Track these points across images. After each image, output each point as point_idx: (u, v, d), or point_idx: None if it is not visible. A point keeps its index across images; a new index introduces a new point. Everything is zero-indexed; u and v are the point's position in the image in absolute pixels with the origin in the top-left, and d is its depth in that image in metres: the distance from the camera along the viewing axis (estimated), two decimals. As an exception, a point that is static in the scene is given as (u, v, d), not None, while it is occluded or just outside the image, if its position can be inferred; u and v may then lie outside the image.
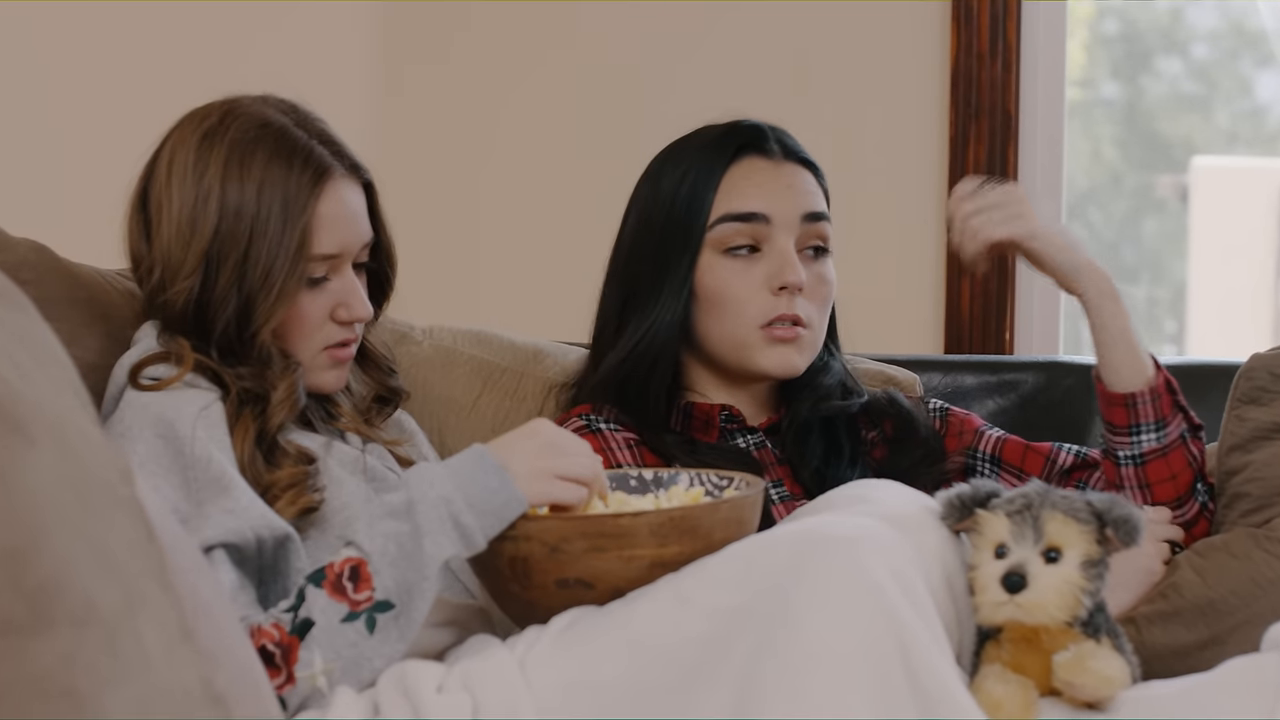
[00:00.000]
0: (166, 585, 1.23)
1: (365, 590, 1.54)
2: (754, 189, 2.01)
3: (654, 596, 1.51)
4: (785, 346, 1.99)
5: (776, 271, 1.99)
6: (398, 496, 1.56)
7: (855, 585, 1.43)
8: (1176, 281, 4.39)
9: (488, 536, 1.56)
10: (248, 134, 1.75)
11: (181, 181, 1.75)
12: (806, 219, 2.02)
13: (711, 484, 1.72)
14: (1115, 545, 1.58)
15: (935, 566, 1.55)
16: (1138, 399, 1.94)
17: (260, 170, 1.73)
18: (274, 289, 1.72)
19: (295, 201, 1.73)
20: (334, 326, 1.80)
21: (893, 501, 1.61)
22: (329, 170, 1.76)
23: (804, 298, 2.00)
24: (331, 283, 1.79)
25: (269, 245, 1.72)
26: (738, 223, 2.00)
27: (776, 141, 2.04)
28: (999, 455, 2.08)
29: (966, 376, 2.38)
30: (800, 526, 1.52)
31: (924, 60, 2.88)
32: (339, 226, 1.77)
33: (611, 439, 1.98)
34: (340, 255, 1.79)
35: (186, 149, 1.76)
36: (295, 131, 1.77)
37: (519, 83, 3.06)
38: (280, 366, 1.75)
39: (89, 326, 1.84)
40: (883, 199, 2.90)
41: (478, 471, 1.56)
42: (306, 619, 1.55)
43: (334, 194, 1.77)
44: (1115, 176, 4.20)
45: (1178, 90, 4.28)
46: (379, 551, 1.55)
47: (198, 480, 1.66)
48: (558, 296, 2.45)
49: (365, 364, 1.94)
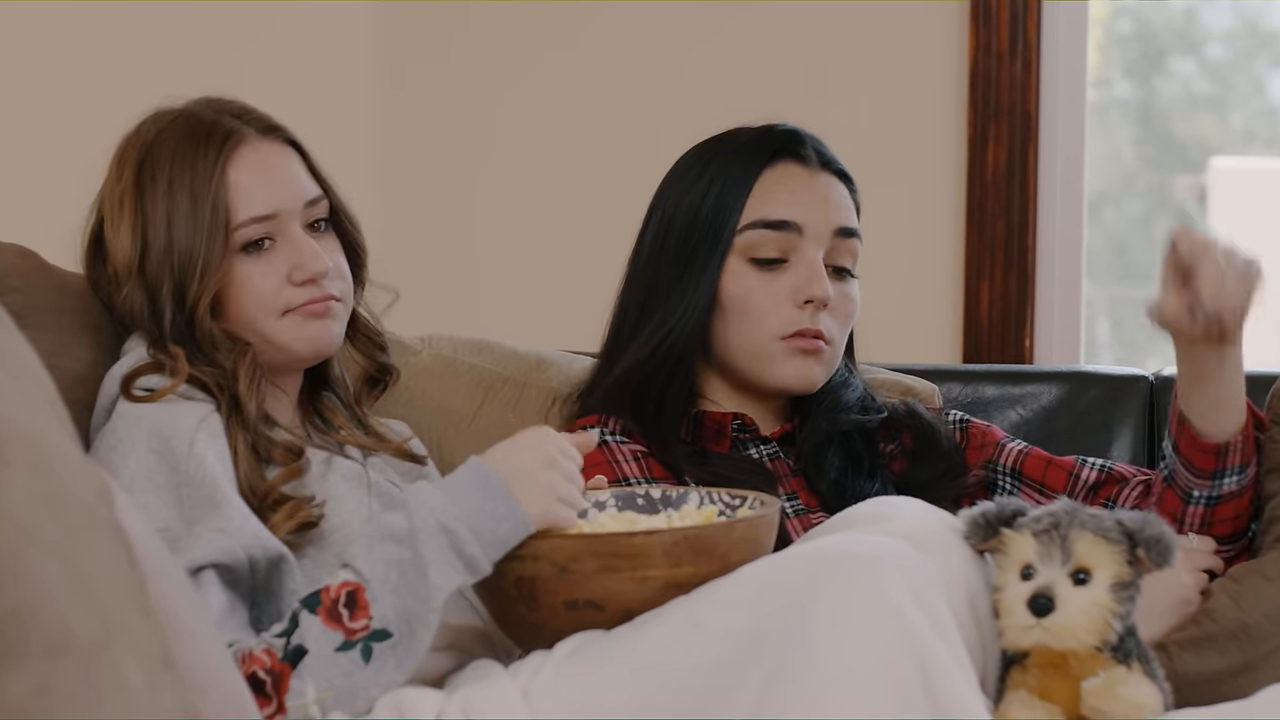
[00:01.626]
0: (148, 611, 1.21)
1: (362, 618, 1.51)
2: (788, 196, 1.96)
3: (664, 620, 1.49)
4: (806, 359, 1.95)
5: (803, 284, 1.94)
6: (398, 520, 1.53)
7: (875, 606, 1.41)
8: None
9: (493, 562, 1.53)
10: (158, 131, 1.78)
11: (109, 197, 1.78)
12: (839, 233, 1.98)
13: (724, 502, 1.68)
14: (1147, 566, 1.55)
15: (958, 587, 1.53)
16: (1230, 446, 1.86)
17: (168, 159, 1.75)
18: (198, 265, 1.72)
19: (203, 175, 1.74)
20: (294, 289, 1.78)
21: (914, 519, 1.58)
22: (233, 134, 1.77)
23: (828, 314, 1.96)
24: (278, 246, 1.77)
25: (185, 224, 1.73)
26: (768, 230, 1.95)
27: (814, 149, 2.00)
28: (1020, 469, 2.04)
29: (987, 387, 2.34)
30: (817, 545, 1.50)
31: (942, 60, 2.87)
32: (261, 186, 1.76)
33: (618, 451, 1.94)
34: (275, 215, 1.77)
35: (112, 165, 1.80)
36: (202, 113, 1.79)
37: (523, 83, 3.04)
38: (228, 349, 1.74)
39: (78, 336, 1.81)
40: (899, 202, 2.87)
41: (483, 498, 1.53)
42: (299, 646, 1.51)
43: (246, 156, 1.77)
44: (1128, 177, 4.20)
45: (1192, 90, 4.28)
46: (379, 578, 1.51)
47: (190, 498, 1.63)
48: (562, 303, 2.45)
49: (354, 337, 1.91)
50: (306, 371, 1.87)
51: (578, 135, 3.03)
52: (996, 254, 2.80)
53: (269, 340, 1.77)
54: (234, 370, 1.73)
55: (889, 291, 2.80)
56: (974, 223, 2.74)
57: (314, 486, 1.74)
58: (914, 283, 2.89)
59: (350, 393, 1.91)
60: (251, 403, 1.71)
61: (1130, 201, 4.16)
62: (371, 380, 1.93)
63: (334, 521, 1.72)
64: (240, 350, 1.74)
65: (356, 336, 1.90)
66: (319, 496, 1.72)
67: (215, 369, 1.73)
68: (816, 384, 1.97)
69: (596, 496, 1.70)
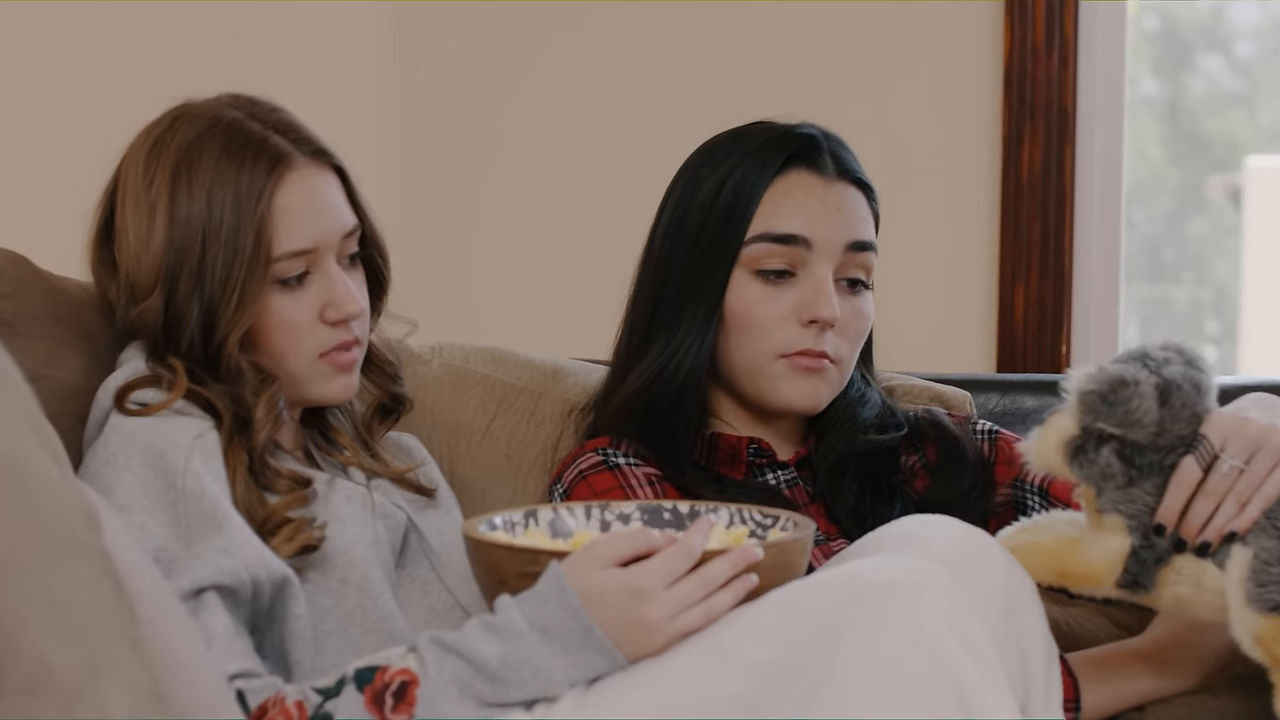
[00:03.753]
0: (136, 643, 1.20)
1: (404, 714, 1.47)
2: (798, 208, 1.88)
3: (688, 650, 1.45)
4: (810, 378, 1.88)
5: (809, 303, 1.87)
6: (491, 649, 1.48)
7: (909, 638, 1.38)
8: (1220, 282, 4.42)
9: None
10: (196, 135, 1.70)
11: (134, 197, 1.70)
12: (851, 248, 1.89)
13: (755, 522, 1.63)
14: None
15: (999, 613, 1.49)
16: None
17: (209, 172, 1.68)
18: (234, 295, 1.66)
19: (248, 198, 1.67)
20: (326, 330, 1.72)
21: (949, 540, 1.54)
22: (285, 158, 1.70)
23: (835, 333, 1.88)
24: (314, 281, 1.72)
25: (224, 249, 1.66)
26: (775, 244, 1.88)
27: (831, 155, 1.92)
28: (1048, 489, 1.97)
29: (1026, 397, 2.27)
30: (848, 572, 1.46)
31: (975, 55, 2.85)
32: (306, 218, 1.70)
33: (631, 475, 1.87)
34: (316, 249, 1.71)
35: (137, 163, 1.72)
36: (248, 124, 1.71)
37: (539, 79, 3.03)
38: (254, 381, 1.69)
39: (72, 345, 1.77)
40: (931, 203, 2.85)
41: (586, 650, 1.47)
42: (329, 715, 1.48)
43: (294, 184, 1.70)
44: (1156, 175, 4.23)
45: (1220, 88, 4.32)
46: (439, 686, 1.47)
47: (189, 516, 1.59)
48: (580, 308, 2.42)
49: (367, 367, 1.86)
50: None
51: (599, 130, 3.02)
52: (1032, 257, 2.78)
53: (295, 380, 1.73)
54: (254, 400, 1.68)
55: (920, 297, 2.83)
56: (1008, 225, 2.73)
57: (316, 508, 1.69)
58: (946, 288, 2.87)
59: (356, 415, 1.87)
60: (263, 432, 1.67)
61: (1158, 200, 4.20)
62: (384, 409, 1.88)
63: (336, 545, 1.67)
64: (266, 383, 1.69)
65: (370, 367, 1.85)
66: (320, 518, 1.68)
67: (224, 386, 1.68)
68: (821, 404, 1.90)
69: (621, 510, 1.66)
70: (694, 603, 1.45)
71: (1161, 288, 4.31)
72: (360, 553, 1.68)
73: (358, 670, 1.50)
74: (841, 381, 1.91)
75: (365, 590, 1.67)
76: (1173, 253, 4.30)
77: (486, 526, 1.59)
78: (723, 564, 1.45)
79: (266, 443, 1.67)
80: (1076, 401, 1.58)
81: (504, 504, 1.99)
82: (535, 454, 2.03)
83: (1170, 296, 4.35)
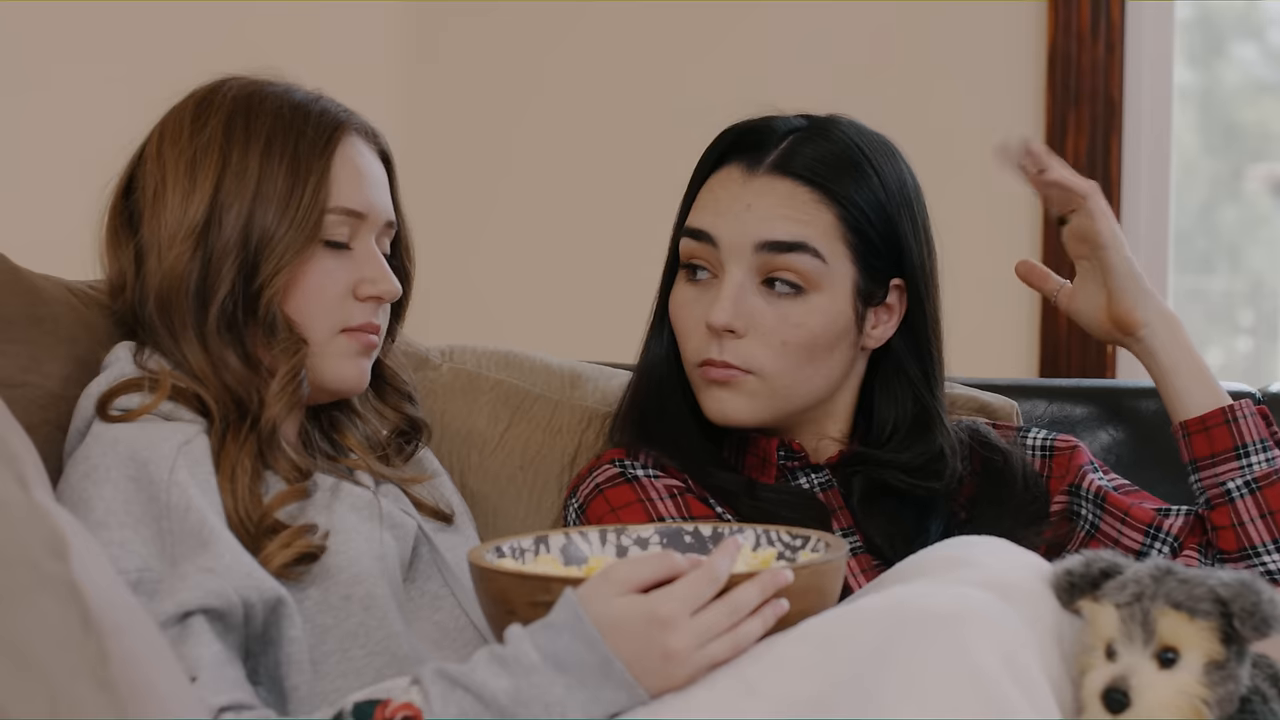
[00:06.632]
0: (105, 683, 1.15)
1: None
2: (710, 203, 1.82)
3: (713, 684, 1.39)
4: (717, 390, 1.80)
5: (708, 307, 1.80)
6: (501, 684, 1.41)
7: (957, 673, 1.32)
8: (1256, 273, 4.43)
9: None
10: (251, 93, 1.72)
11: (177, 148, 1.70)
12: (761, 248, 1.79)
13: (783, 544, 1.56)
14: (1247, 639, 1.39)
15: (1051, 643, 1.42)
16: (1236, 412, 1.85)
17: (269, 120, 1.69)
18: (280, 242, 1.66)
19: (312, 146, 1.69)
20: (356, 305, 1.71)
21: (999, 565, 1.47)
22: (345, 123, 1.72)
23: (750, 341, 1.79)
24: (355, 252, 1.71)
25: (280, 192, 1.67)
26: (691, 240, 1.82)
27: (783, 151, 1.82)
28: (1103, 497, 1.91)
29: (1075, 406, 2.21)
30: (889, 600, 1.40)
31: (1019, 42, 2.86)
32: (362, 183, 1.72)
33: (650, 488, 1.80)
34: (365, 217, 1.71)
35: (181, 118, 1.71)
36: (301, 92, 1.74)
37: (557, 72, 3.05)
38: (286, 341, 1.66)
39: (52, 350, 1.71)
40: (971, 198, 2.82)
41: (604, 684, 1.40)
42: None
43: (352, 148, 1.72)
44: (1188, 165, 4.24)
45: (1254, 77, 4.32)
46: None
47: (173, 533, 1.53)
48: (599, 310, 2.47)
49: (380, 388, 1.82)
50: None
51: (618, 127, 3.02)
52: (1078, 254, 2.76)
53: (313, 351, 1.70)
54: (274, 366, 1.66)
55: (958, 297, 2.74)
56: (1052, 220, 2.65)
57: (318, 515, 1.64)
58: (987, 288, 2.81)
59: (368, 424, 1.82)
60: (278, 405, 1.64)
61: (1192, 190, 4.20)
62: (404, 436, 1.84)
63: (341, 558, 1.62)
64: (295, 345, 1.67)
65: (383, 388, 1.83)
66: (323, 526, 1.63)
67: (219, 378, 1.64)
68: (733, 419, 1.81)
69: (639, 533, 1.60)
70: (721, 631, 1.39)
71: (1195, 278, 4.30)
72: (365, 567, 1.62)
73: (357, 704, 1.42)
74: (775, 395, 1.80)
75: (369, 608, 1.61)
76: (1206, 243, 4.32)
77: (493, 554, 1.54)
78: (751, 588, 1.39)
79: (281, 412, 1.64)
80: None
81: (518, 520, 1.97)
82: (552, 466, 1.99)
83: (1204, 287, 4.35)
